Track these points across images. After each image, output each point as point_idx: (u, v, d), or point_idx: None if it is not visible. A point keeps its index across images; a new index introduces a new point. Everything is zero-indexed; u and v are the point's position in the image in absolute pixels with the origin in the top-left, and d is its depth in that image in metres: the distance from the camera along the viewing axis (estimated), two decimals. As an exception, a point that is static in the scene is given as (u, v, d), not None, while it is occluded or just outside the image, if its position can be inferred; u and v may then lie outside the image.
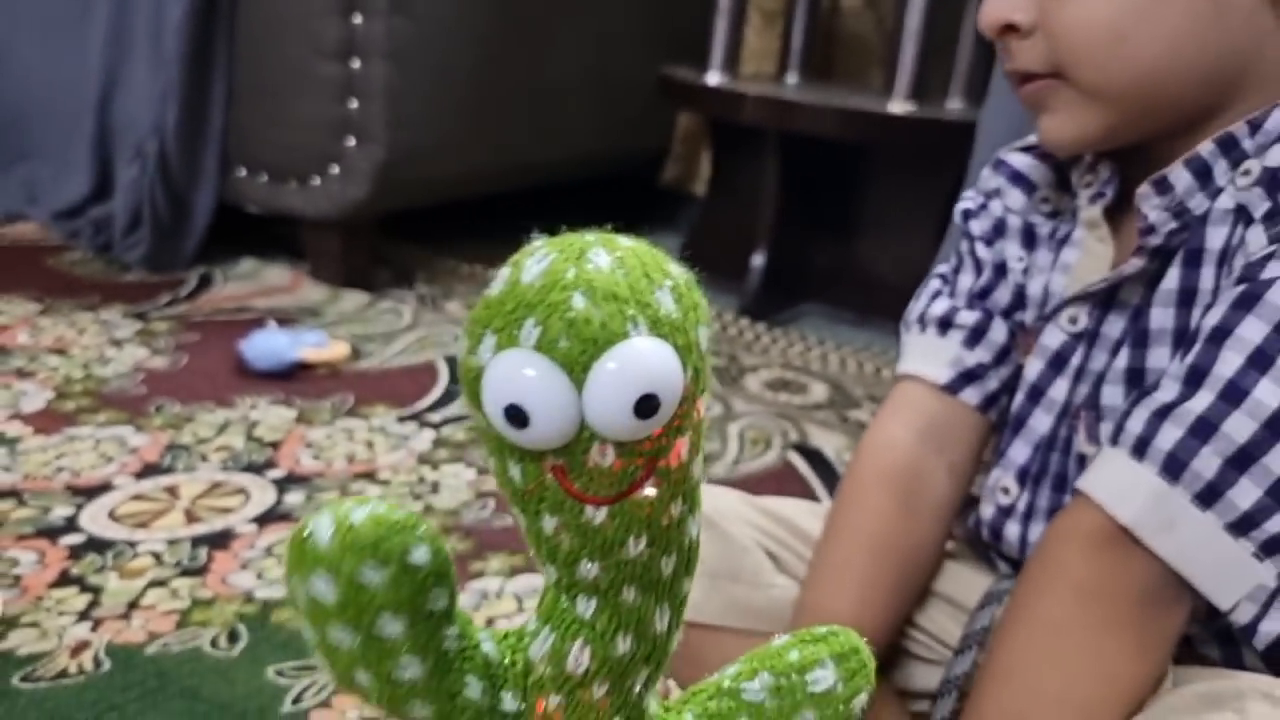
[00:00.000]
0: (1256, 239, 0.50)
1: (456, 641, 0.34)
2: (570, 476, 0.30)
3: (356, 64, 1.44)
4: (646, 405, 0.28)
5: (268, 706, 0.72)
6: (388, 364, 1.34)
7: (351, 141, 1.46)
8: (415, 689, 0.34)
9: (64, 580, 0.83)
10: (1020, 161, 0.66)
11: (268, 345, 1.24)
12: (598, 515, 0.31)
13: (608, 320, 0.28)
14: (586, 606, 0.33)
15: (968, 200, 0.68)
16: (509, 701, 0.35)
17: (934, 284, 0.69)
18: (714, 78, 1.70)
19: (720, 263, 1.80)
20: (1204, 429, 0.48)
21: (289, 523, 0.95)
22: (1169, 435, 0.48)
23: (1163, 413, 0.49)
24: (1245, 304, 0.48)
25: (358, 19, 1.43)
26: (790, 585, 0.64)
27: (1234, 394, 0.48)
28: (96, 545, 0.89)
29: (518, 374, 0.28)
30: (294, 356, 1.25)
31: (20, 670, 0.73)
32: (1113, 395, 0.56)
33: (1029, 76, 0.56)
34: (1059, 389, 0.60)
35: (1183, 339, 0.53)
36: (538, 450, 0.30)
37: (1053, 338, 0.60)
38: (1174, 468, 0.48)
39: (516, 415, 0.28)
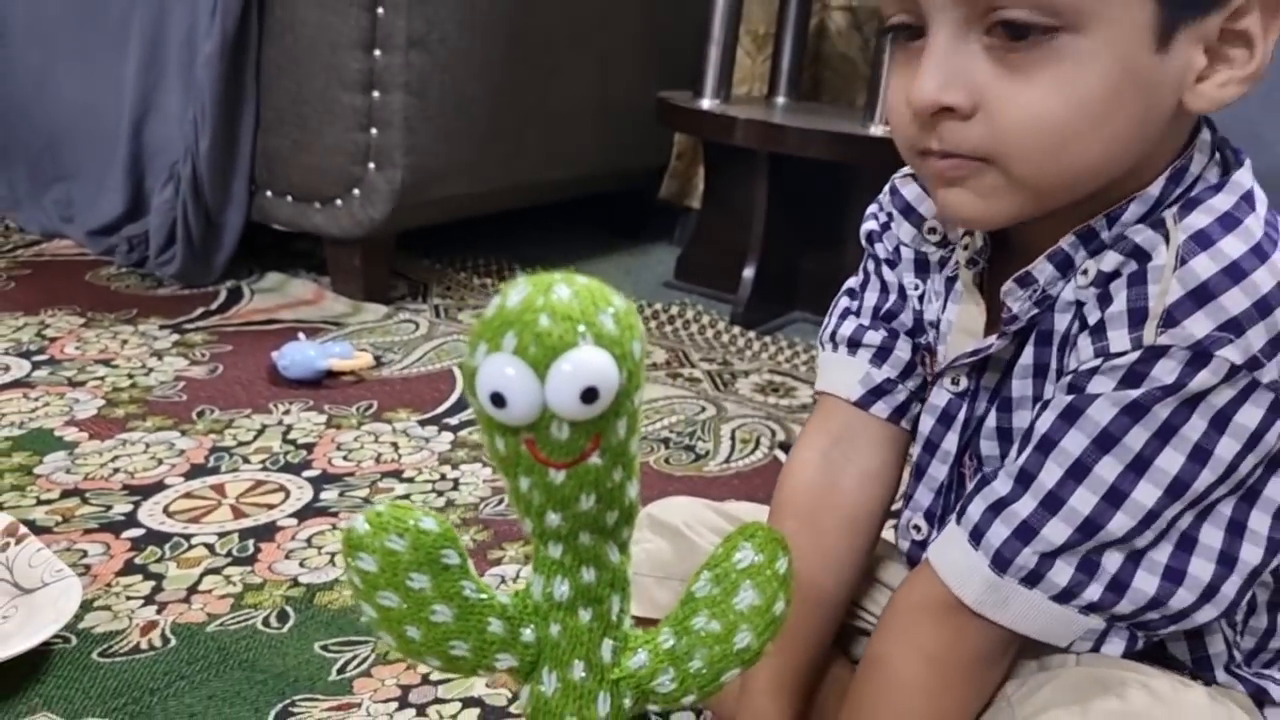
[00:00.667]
0: (1085, 348, 0.54)
1: (476, 593, 0.46)
2: (538, 447, 0.42)
3: (377, 95, 1.55)
4: (590, 394, 0.40)
5: (316, 675, 0.83)
6: (408, 372, 1.45)
7: (372, 166, 1.57)
8: (450, 629, 0.46)
9: (129, 569, 0.94)
10: (910, 193, 0.68)
11: (298, 355, 1.35)
12: (558, 476, 0.43)
13: (564, 334, 0.39)
14: (556, 549, 0.46)
15: (870, 220, 0.71)
16: (527, 634, 0.47)
17: (844, 301, 0.72)
18: (707, 102, 1.81)
19: (714, 273, 1.92)
20: (1025, 533, 0.55)
21: (327, 517, 1.06)
22: (998, 533, 0.55)
23: (996, 508, 0.56)
24: (1069, 417, 0.54)
25: (378, 54, 1.54)
26: None
27: (1053, 503, 0.54)
28: (155, 538, 0.99)
29: (500, 371, 0.40)
30: (323, 365, 1.36)
31: (98, 647, 0.84)
32: (989, 448, 0.63)
33: (947, 154, 0.55)
34: (950, 441, 0.65)
35: (1038, 403, 0.58)
36: (514, 427, 0.41)
37: (939, 397, 0.65)
38: (1001, 562, 0.55)
39: (498, 399, 0.40)
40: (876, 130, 1.66)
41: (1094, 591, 0.55)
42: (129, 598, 0.90)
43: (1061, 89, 0.51)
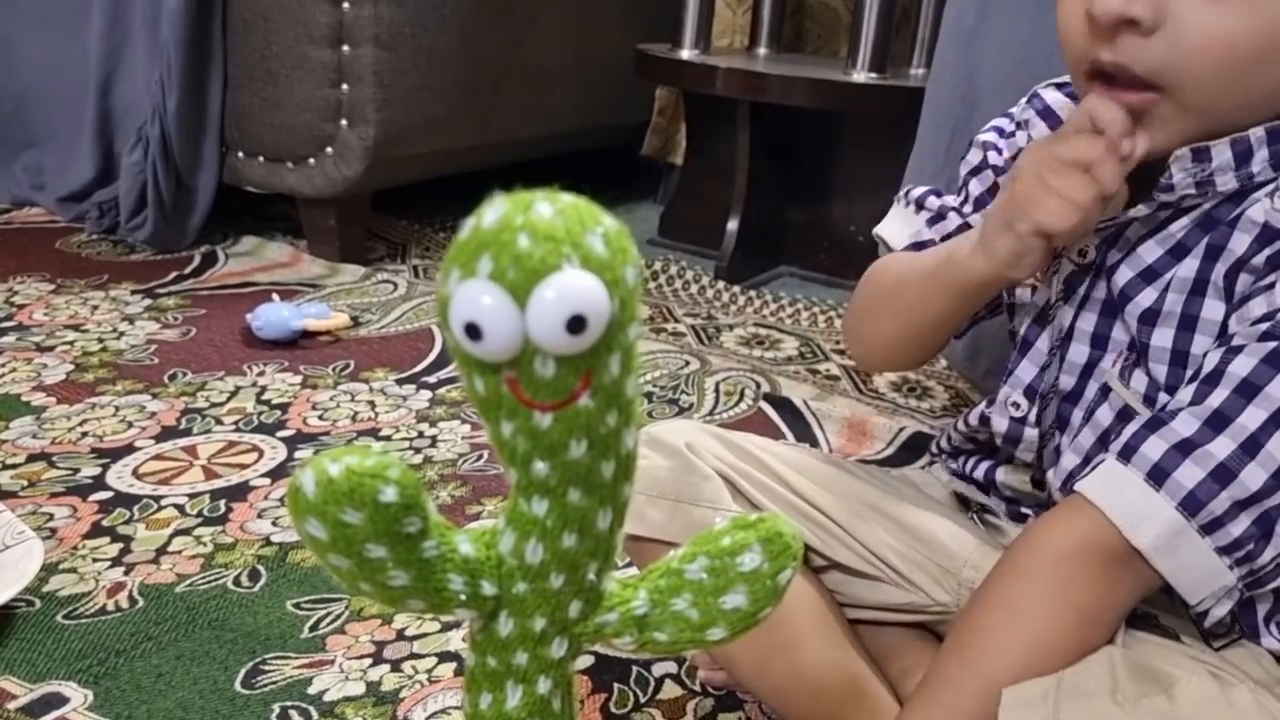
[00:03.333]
0: None
1: (436, 550, 0.41)
2: (521, 386, 0.37)
3: (346, 49, 1.51)
4: (578, 324, 0.35)
5: (288, 634, 0.81)
6: (386, 331, 1.42)
7: (344, 123, 1.54)
8: (408, 590, 0.41)
9: (96, 531, 0.92)
10: (1053, 98, 0.69)
11: (273, 316, 1.32)
12: (544, 420, 0.38)
13: (546, 256, 0.35)
14: (540, 506, 0.41)
15: (991, 132, 0.73)
16: (487, 588, 0.43)
17: (927, 187, 0.79)
18: (686, 53, 1.78)
19: (698, 229, 1.89)
20: (1224, 475, 0.53)
21: (299, 475, 1.03)
22: (1190, 474, 0.53)
23: (1184, 448, 0.54)
24: (1275, 361, 0.54)
25: (346, 6, 1.50)
26: (740, 512, 0.69)
27: (1253, 447, 0.53)
28: (124, 500, 0.97)
29: (474, 298, 0.35)
30: (298, 326, 1.33)
31: (64, 609, 0.81)
32: (1108, 328, 0.63)
33: (1118, 71, 0.55)
34: (1065, 315, 0.65)
35: (1185, 320, 0.58)
36: (493, 363, 0.37)
37: (1062, 267, 0.65)
38: (1193, 505, 0.53)
39: (473, 330, 0.36)
40: (860, 77, 1.62)
41: (1254, 544, 0.54)
42: (95, 560, 0.88)
43: (1255, 11, 0.51)
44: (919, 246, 0.74)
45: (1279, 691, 0.57)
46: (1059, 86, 0.70)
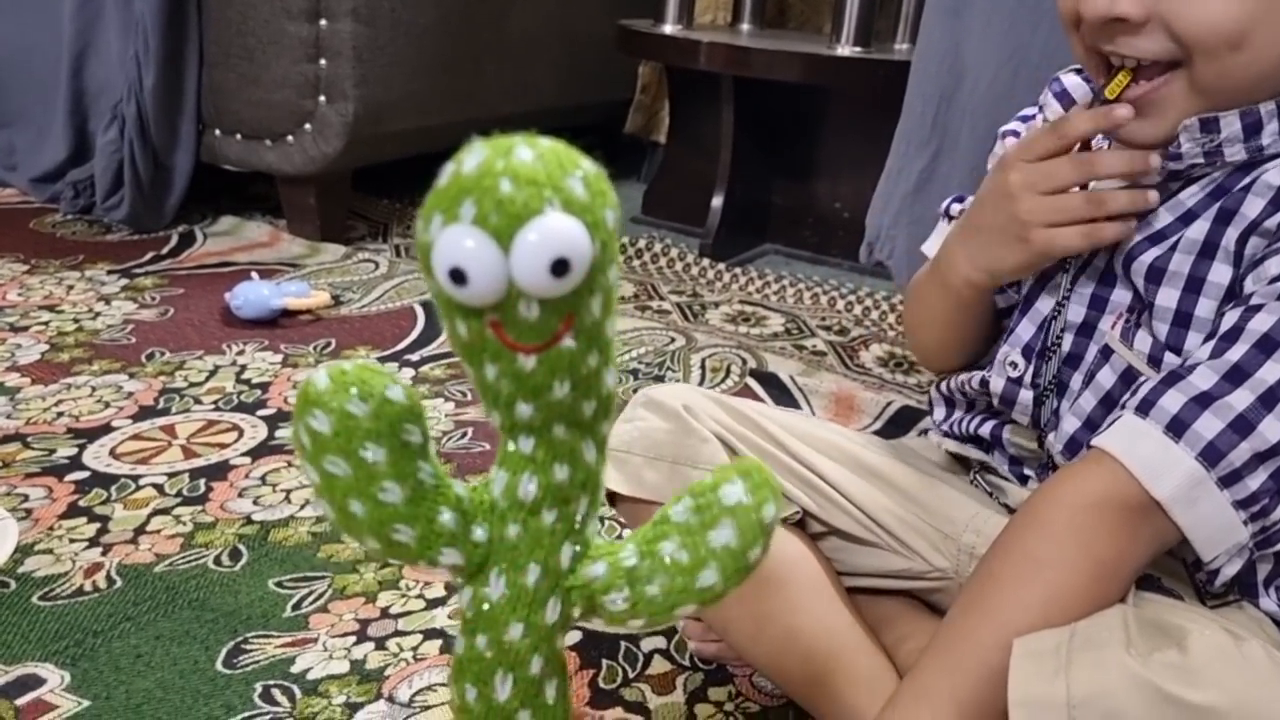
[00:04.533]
0: None
1: (431, 478, 0.42)
2: (505, 329, 0.37)
3: (324, 23, 1.49)
4: (561, 267, 0.35)
5: (270, 612, 0.79)
6: (367, 310, 1.41)
7: (322, 99, 1.51)
8: (398, 512, 0.41)
9: (73, 512, 0.90)
10: (1068, 81, 0.72)
11: (252, 294, 1.30)
12: (528, 362, 0.38)
13: (529, 199, 0.35)
14: (527, 444, 0.41)
15: (1016, 122, 0.76)
16: (478, 532, 0.43)
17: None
18: (669, 28, 1.76)
19: (682, 206, 1.88)
20: (1243, 426, 0.53)
21: (282, 455, 1.02)
22: (1210, 425, 0.54)
23: (1203, 401, 0.54)
24: None
25: (324, -21, 1.47)
26: None
27: (1272, 400, 0.54)
28: (101, 480, 0.95)
29: (458, 243, 0.35)
30: (278, 304, 1.31)
31: (39, 590, 0.80)
32: (1109, 293, 0.64)
33: (1134, 65, 0.58)
34: (1065, 276, 0.66)
35: (1193, 281, 0.59)
36: (477, 307, 0.37)
37: None
38: (1212, 455, 0.54)
39: (458, 275, 0.36)
40: (844, 51, 1.61)
41: (1271, 499, 0.54)
42: (72, 540, 0.86)
43: None
44: None
45: None
46: (1076, 70, 0.71)
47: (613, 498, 0.70)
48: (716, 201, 1.76)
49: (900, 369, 1.34)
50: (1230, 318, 0.57)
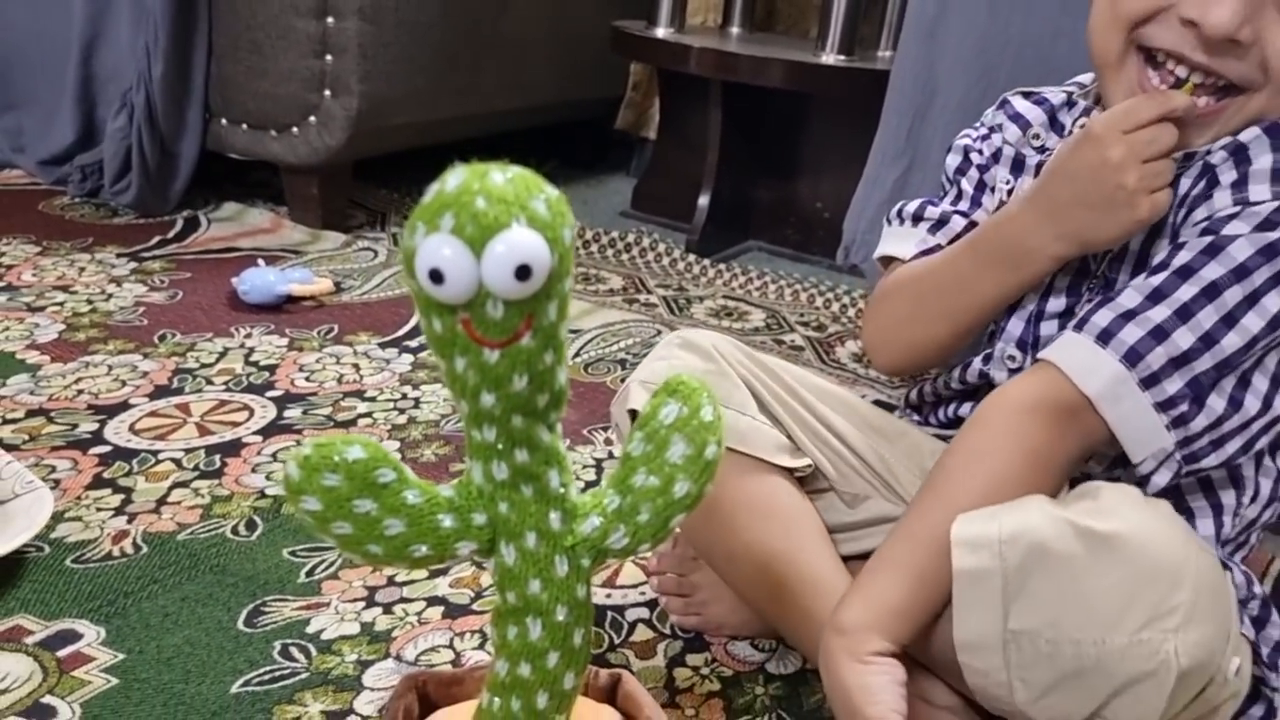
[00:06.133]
0: (1222, 199, 0.67)
1: (419, 497, 0.48)
2: (473, 325, 0.44)
3: (331, 21, 1.55)
4: (524, 272, 0.42)
5: (286, 578, 0.86)
6: (368, 297, 1.47)
7: (327, 93, 1.57)
8: (408, 537, 0.48)
9: (98, 483, 0.96)
10: (1021, 105, 0.82)
11: (258, 280, 1.37)
12: (492, 356, 0.45)
13: (499, 215, 0.42)
14: (490, 433, 0.48)
15: (965, 137, 0.85)
16: (478, 518, 0.49)
17: (920, 200, 0.86)
18: (661, 31, 1.82)
19: (669, 203, 1.95)
20: (1159, 334, 0.64)
21: (291, 434, 1.08)
22: (1132, 333, 0.64)
23: (1127, 316, 0.65)
24: (1210, 252, 0.65)
25: (332, -22, 1.53)
26: (766, 423, 0.77)
27: (1185, 314, 0.64)
28: (123, 454, 1.02)
29: (437, 250, 0.42)
30: (283, 290, 1.37)
31: (72, 554, 0.86)
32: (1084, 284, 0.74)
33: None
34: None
35: (1142, 257, 0.70)
36: (451, 305, 0.43)
37: None
38: (1133, 357, 0.64)
39: (436, 276, 0.42)
40: (829, 59, 1.68)
41: (1186, 405, 0.64)
42: (99, 509, 0.93)
43: None
44: (927, 253, 0.83)
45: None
46: (1026, 94, 0.82)
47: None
48: (703, 199, 1.83)
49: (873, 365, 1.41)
50: (1159, 256, 0.68)
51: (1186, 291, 0.65)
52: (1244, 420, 0.66)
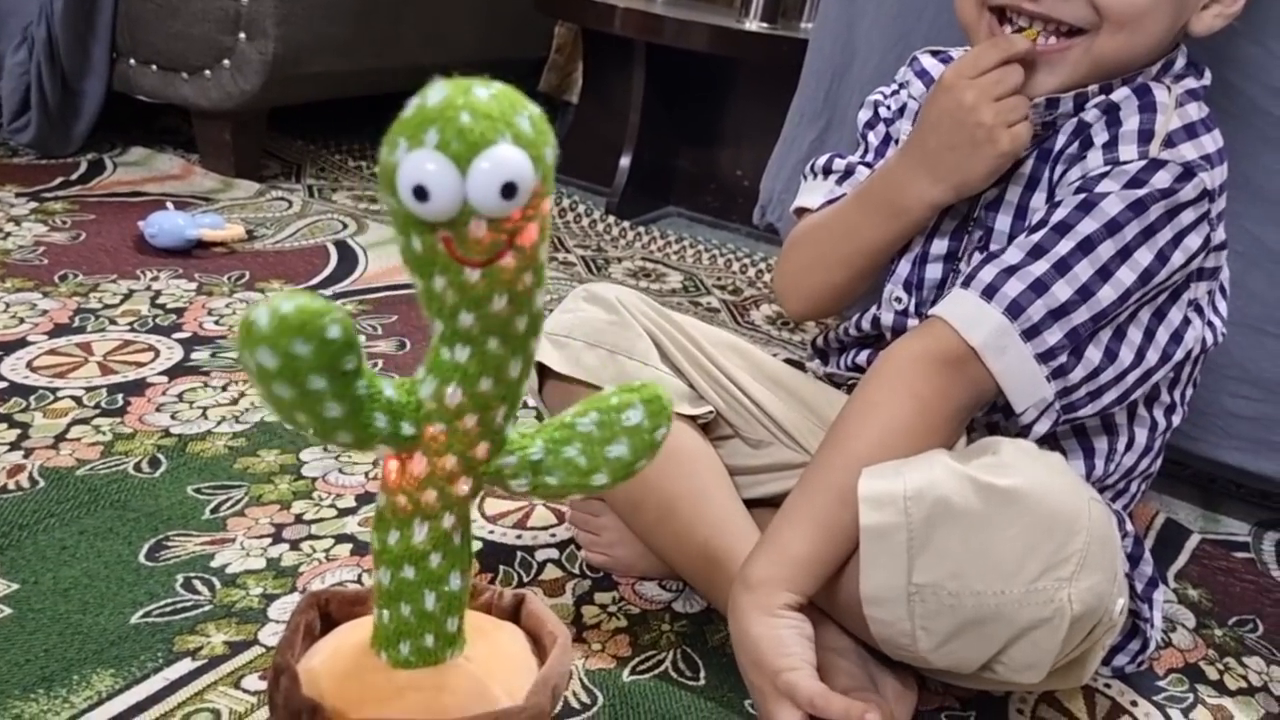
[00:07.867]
0: (1095, 159, 0.70)
1: (365, 390, 0.47)
2: (455, 245, 0.43)
3: (247, -40, 1.51)
4: (509, 190, 0.41)
5: (189, 515, 0.85)
6: (281, 246, 1.44)
7: (242, 36, 1.53)
8: (339, 423, 0.47)
9: (-8, 419, 0.94)
10: (928, 62, 0.85)
11: (167, 224, 1.33)
12: (473, 275, 0.44)
13: (485, 131, 0.40)
14: (462, 353, 0.46)
15: (877, 93, 0.88)
16: (407, 428, 0.49)
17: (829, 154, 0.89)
18: (587, -10, 1.81)
19: (591, 165, 1.94)
20: (1039, 287, 0.67)
21: (199, 375, 1.06)
22: (1014, 287, 0.67)
23: (1010, 271, 0.68)
24: (1084, 208, 0.68)
25: (249, -84, 1.49)
26: (668, 373, 0.80)
27: (1062, 268, 0.67)
28: (19, 390, 0.99)
29: (422, 165, 0.41)
30: (192, 235, 1.34)
31: (-38, 488, 0.84)
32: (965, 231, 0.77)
33: (1001, 15, 0.71)
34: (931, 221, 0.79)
35: (1021, 209, 0.74)
36: (432, 223, 0.42)
37: None
38: (1015, 310, 0.67)
39: (420, 193, 0.41)
40: (752, 25, 1.69)
41: (1065, 356, 0.68)
42: (-7, 444, 0.90)
43: None
44: (833, 204, 0.85)
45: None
46: (934, 53, 0.85)
47: (542, 380, 0.79)
48: (624, 162, 1.83)
49: (786, 327, 1.44)
50: (1039, 214, 0.72)
51: (1064, 246, 0.68)
52: (1119, 371, 0.70)
